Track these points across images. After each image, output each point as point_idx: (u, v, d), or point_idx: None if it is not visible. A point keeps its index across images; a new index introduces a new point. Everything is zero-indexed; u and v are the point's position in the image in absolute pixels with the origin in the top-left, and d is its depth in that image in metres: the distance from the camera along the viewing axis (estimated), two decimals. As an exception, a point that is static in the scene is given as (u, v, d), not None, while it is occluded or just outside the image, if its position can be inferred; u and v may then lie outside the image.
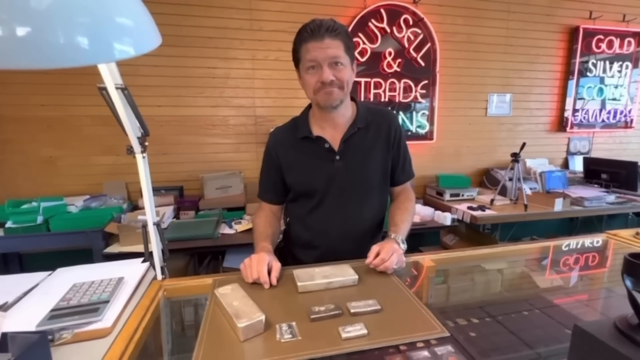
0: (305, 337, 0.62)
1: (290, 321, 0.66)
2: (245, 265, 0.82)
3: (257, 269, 0.79)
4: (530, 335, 0.77)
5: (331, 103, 0.94)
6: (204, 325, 0.66)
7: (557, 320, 0.86)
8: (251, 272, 0.79)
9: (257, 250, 0.90)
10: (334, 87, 0.91)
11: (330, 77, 0.88)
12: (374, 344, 0.61)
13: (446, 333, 0.64)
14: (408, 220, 1.02)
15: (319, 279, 0.79)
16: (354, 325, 0.64)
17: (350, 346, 0.60)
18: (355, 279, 0.81)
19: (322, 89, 0.91)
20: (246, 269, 0.81)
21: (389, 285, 0.81)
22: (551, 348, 0.74)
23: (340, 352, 0.59)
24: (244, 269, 0.82)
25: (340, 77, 0.90)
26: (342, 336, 0.62)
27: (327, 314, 0.68)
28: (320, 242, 1.04)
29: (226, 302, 0.68)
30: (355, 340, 0.61)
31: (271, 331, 0.64)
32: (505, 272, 1.15)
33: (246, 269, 0.81)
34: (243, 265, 0.82)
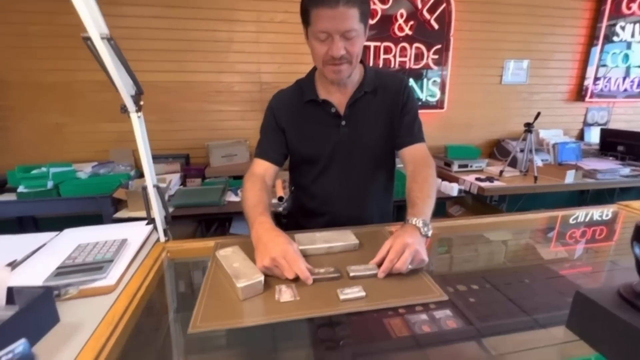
0: (304, 298, 0.63)
1: (289, 283, 0.67)
2: (278, 265, 0.67)
3: (295, 269, 0.66)
4: (530, 302, 0.77)
5: (339, 80, 0.89)
6: (205, 285, 0.67)
7: (559, 290, 0.86)
8: (288, 273, 0.66)
9: (255, 225, 0.75)
10: (344, 62, 0.84)
11: (341, 52, 0.81)
12: (372, 306, 0.61)
13: (444, 297, 0.64)
14: (429, 194, 0.84)
15: (319, 243, 0.79)
16: (353, 287, 0.64)
17: (348, 307, 0.60)
18: (356, 243, 0.81)
19: (330, 63, 0.84)
20: (279, 269, 0.67)
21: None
22: (550, 315, 0.74)
23: (338, 312, 0.59)
24: (275, 268, 0.67)
25: (352, 50, 0.83)
26: (340, 298, 0.62)
27: (326, 276, 0.68)
28: (325, 210, 1.03)
29: (226, 263, 0.68)
30: (353, 302, 0.62)
31: (270, 292, 0.65)
32: (510, 242, 1.14)
33: (279, 269, 0.67)
34: (272, 263, 0.67)
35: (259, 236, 0.73)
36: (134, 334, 0.58)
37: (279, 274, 0.68)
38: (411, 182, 0.89)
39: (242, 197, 0.89)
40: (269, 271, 0.68)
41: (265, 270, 0.67)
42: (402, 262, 0.68)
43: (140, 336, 0.60)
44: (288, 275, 0.67)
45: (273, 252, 0.67)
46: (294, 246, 0.70)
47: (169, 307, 0.70)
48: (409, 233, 0.72)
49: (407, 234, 0.71)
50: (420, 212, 0.79)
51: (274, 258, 0.67)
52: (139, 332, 0.60)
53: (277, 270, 0.68)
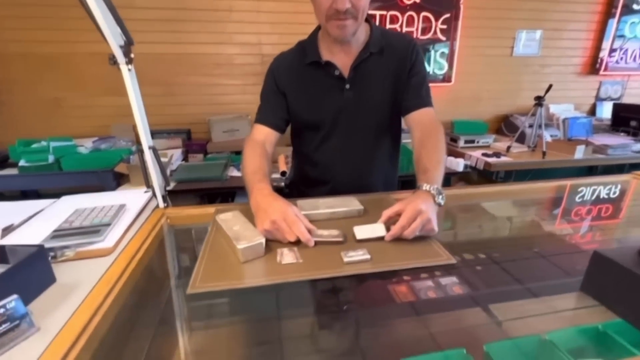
0: (306, 260, 0.60)
1: (292, 246, 0.65)
2: (278, 228, 0.65)
3: (295, 230, 0.64)
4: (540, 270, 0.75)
5: (344, 37, 0.83)
6: (205, 248, 0.65)
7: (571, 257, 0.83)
8: (289, 235, 0.65)
9: (254, 192, 0.73)
10: (348, 17, 0.79)
11: (346, 5, 0.76)
12: (377, 268, 0.59)
13: (452, 260, 0.61)
14: (440, 161, 0.80)
15: (322, 208, 0.76)
16: (357, 250, 0.62)
17: (352, 270, 0.58)
18: (361, 209, 0.78)
19: (334, 18, 0.79)
20: (279, 231, 0.65)
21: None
22: (561, 282, 0.71)
23: (342, 274, 0.57)
24: (276, 231, 0.65)
25: (358, 4, 0.77)
26: (344, 260, 0.60)
27: (329, 240, 0.65)
28: (328, 178, 1.00)
29: (227, 226, 0.66)
30: (357, 264, 0.59)
31: (272, 254, 0.62)
32: (519, 211, 1.11)
33: (279, 232, 0.65)
34: (272, 226, 0.64)
35: (257, 202, 0.70)
36: (132, 296, 0.56)
37: (281, 237, 0.66)
38: (420, 148, 0.84)
39: (242, 164, 0.85)
40: (270, 235, 0.66)
41: (267, 234, 0.65)
42: (412, 230, 0.64)
43: (138, 298, 0.59)
44: (289, 237, 0.65)
45: (273, 215, 0.64)
46: (293, 208, 0.68)
47: (169, 271, 0.69)
48: (422, 199, 0.68)
49: (420, 200, 0.67)
50: (433, 178, 0.74)
51: (274, 221, 0.64)
52: (138, 295, 0.59)
53: (278, 233, 0.65)
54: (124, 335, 0.52)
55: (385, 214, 0.69)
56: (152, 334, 0.52)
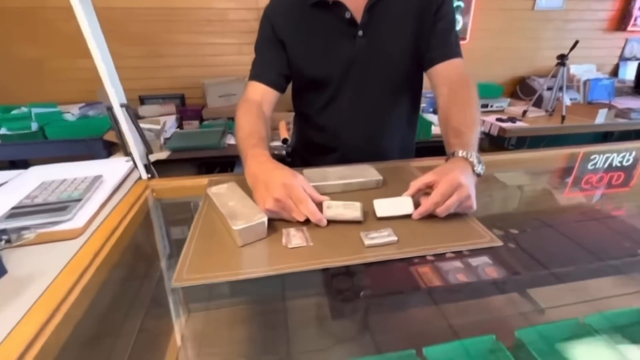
0: (318, 243, 0.49)
1: (299, 226, 0.53)
2: (284, 207, 0.53)
3: (304, 209, 0.52)
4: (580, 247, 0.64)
5: None
6: (194, 229, 0.53)
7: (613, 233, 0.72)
8: (296, 214, 0.53)
9: (249, 159, 0.60)
10: None
11: None
12: (406, 253, 0.47)
13: (497, 242, 0.50)
14: (475, 121, 0.65)
15: (333, 179, 0.64)
16: (380, 231, 0.50)
17: (375, 255, 0.47)
18: (379, 180, 0.66)
19: None
20: (285, 210, 0.53)
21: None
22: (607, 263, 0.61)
23: (363, 261, 0.46)
24: (281, 210, 0.53)
25: None
26: (365, 243, 0.48)
27: (345, 218, 0.54)
28: (336, 144, 0.86)
29: (221, 202, 0.54)
30: (381, 248, 0.48)
31: (276, 236, 0.51)
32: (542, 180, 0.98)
33: (285, 211, 0.53)
34: (276, 205, 0.52)
35: (254, 173, 0.57)
36: (104, 289, 0.45)
37: (287, 216, 0.54)
38: (449, 106, 0.69)
39: (235, 128, 0.71)
40: (274, 214, 0.54)
41: (269, 214, 0.53)
42: (447, 207, 0.52)
43: (113, 292, 0.48)
44: (297, 217, 0.53)
45: (275, 192, 0.52)
46: (299, 179, 0.54)
47: (154, 254, 0.58)
48: (459, 169, 0.54)
49: (458, 171, 0.54)
50: (469, 143, 0.60)
51: (278, 199, 0.52)
52: (112, 287, 0.48)
53: (284, 212, 0.53)
54: (93, 339, 0.41)
55: (413, 186, 0.56)
56: (130, 338, 0.42)
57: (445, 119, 0.69)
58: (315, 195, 0.54)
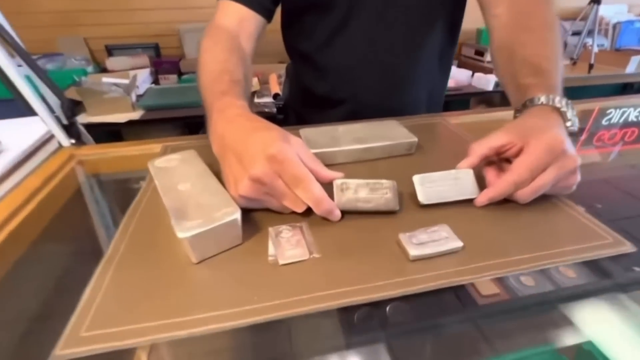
0: (328, 253, 0.29)
1: (295, 221, 0.32)
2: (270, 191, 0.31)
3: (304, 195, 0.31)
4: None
5: None
6: (120, 238, 0.32)
7: None
8: (291, 203, 0.32)
9: (214, 114, 0.37)
10: None
11: None
12: (489, 272, 0.27)
13: (630, 247, 0.30)
14: (559, 52, 0.43)
15: (346, 143, 0.42)
16: (432, 229, 0.30)
17: (432, 281, 0.26)
18: (413, 142, 0.44)
19: None
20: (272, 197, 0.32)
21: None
22: None
23: (414, 291, 0.25)
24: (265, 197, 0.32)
25: None
26: (408, 252, 0.28)
27: (371, 207, 0.33)
28: (344, 94, 0.62)
29: (166, 185, 0.33)
30: (439, 262, 0.28)
31: (258, 242, 0.30)
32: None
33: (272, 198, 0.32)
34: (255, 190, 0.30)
35: (221, 137, 0.34)
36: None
37: (276, 206, 0.33)
38: (516, 31, 0.46)
39: (197, 68, 0.47)
40: (257, 204, 0.33)
41: (248, 205, 0.32)
42: (537, 188, 0.32)
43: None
44: (293, 208, 0.32)
45: (256, 167, 0.29)
46: (293, 144, 0.32)
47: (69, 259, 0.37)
48: (553, 125, 0.34)
49: (554, 129, 0.33)
50: (555, 84, 0.39)
51: (259, 179, 0.30)
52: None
53: (271, 200, 0.32)
54: None
55: (475, 152, 0.35)
56: None
57: (509, 50, 0.45)
58: (320, 169, 0.33)
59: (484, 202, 0.34)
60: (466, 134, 0.48)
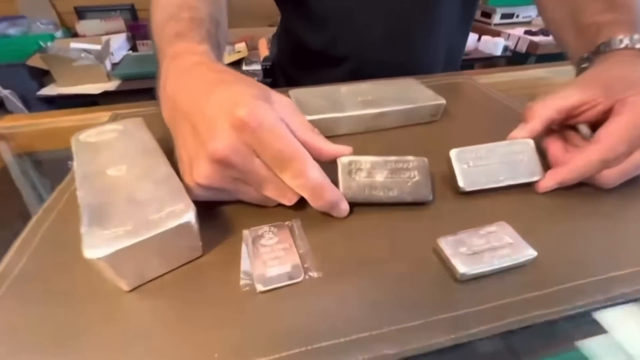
0: (331, 270, 0.18)
1: (282, 219, 0.22)
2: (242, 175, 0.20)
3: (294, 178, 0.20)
4: None
5: None
6: (19, 250, 0.21)
7: None
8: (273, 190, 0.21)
9: (165, 63, 0.25)
10: None
11: None
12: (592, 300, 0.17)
13: None
14: None
15: (350, 107, 0.31)
16: (486, 229, 0.20)
17: (492, 315, 0.17)
18: (439, 105, 0.33)
19: None
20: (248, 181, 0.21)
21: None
22: None
23: (464, 339, 0.16)
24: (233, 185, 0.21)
25: None
26: (456, 270, 0.18)
27: (388, 192, 0.23)
28: (345, 48, 0.49)
29: (89, 169, 0.22)
30: (503, 283, 0.18)
31: (227, 253, 0.20)
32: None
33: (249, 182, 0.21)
34: (217, 174, 0.19)
35: (172, 96, 0.22)
36: None
37: (254, 196, 0.22)
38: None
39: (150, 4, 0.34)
40: (221, 195, 0.22)
41: (209, 195, 0.21)
42: (632, 167, 0.22)
43: None
44: (279, 198, 0.22)
45: (218, 140, 0.18)
46: (280, 107, 0.21)
47: None
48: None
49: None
50: (638, 20, 0.28)
51: (224, 158, 0.19)
52: None
53: (246, 189, 0.21)
54: None
55: (537, 115, 0.24)
56: None
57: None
58: (319, 142, 0.22)
59: (551, 187, 0.24)
60: (505, 97, 0.38)
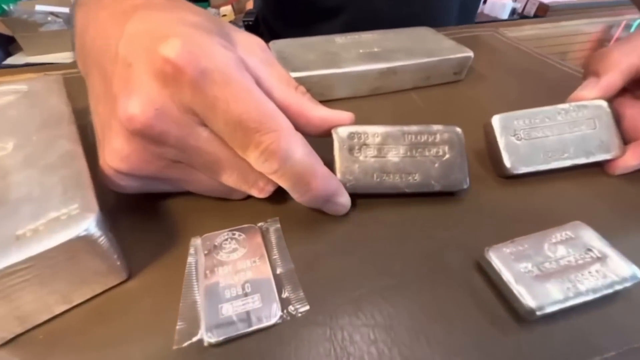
0: (325, 300, 0.12)
1: (245, 221, 0.15)
2: (183, 155, 0.13)
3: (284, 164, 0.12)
4: None
5: None
6: None
7: None
8: (232, 176, 0.14)
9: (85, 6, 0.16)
10: None
11: None
12: None
13: None
14: None
15: (349, 61, 0.23)
16: (559, 233, 0.13)
17: None
18: (466, 58, 0.25)
19: None
20: (192, 161, 0.13)
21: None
22: None
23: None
24: (176, 170, 0.13)
25: None
26: (522, 302, 0.12)
27: (407, 177, 0.16)
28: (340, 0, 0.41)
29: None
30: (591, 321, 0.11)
31: (165, 276, 0.13)
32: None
33: (193, 164, 0.13)
34: (138, 151, 0.12)
35: (81, 35, 0.15)
36: None
37: (206, 186, 0.14)
38: None
39: None
40: (158, 185, 0.14)
41: (136, 185, 0.13)
42: None
43: None
44: (241, 186, 0.14)
45: (134, 97, 0.11)
46: (242, 48, 0.13)
47: None
48: None
49: None
50: None
51: (147, 126, 0.11)
52: None
53: (192, 175, 0.14)
54: None
55: (616, 69, 0.17)
56: None
57: None
58: (304, 104, 0.14)
59: (633, 167, 0.17)
60: (545, 54, 0.30)
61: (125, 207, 0.15)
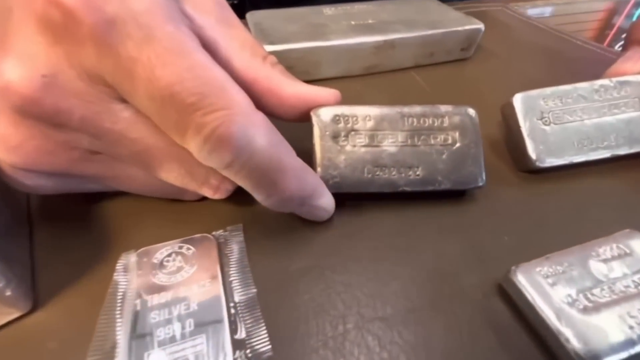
0: (295, 335, 0.08)
1: (197, 230, 0.12)
2: (101, 144, 0.09)
3: (240, 156, 0.08)
4: None
5: None
6: None
7: None
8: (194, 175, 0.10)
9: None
10: None
11: None
12: None
13: None
14: None
15: (339, 33, 0.19)
16: (605, 249, 0.10)
17: None
18: (475, 31, 0.21)
19: None
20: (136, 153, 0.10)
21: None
22: None
23: None
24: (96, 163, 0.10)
25: None
26: (570, 347, 0.08)
27: (408, 171, 0.12)
28: None
29: None
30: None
31: (83, 305, 0.09)
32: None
33: (134, 157, 0.10)
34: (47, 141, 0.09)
35: None
36: None
37: (144, 185, 0.11)
38: None
39: None
40: (75, 183, 0.10)
41: (44, 183, 0.10)
42: None
43: None
44: (189, 185, 0.10)
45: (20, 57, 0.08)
46: (197, 4, 0.10)
47: None
48: None
49: None
50: None
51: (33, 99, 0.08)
52: None
53: (122, 170, 0.10)
54: None
55: None
56: None
57: None
58: (274, 78, 0.11)
59: None
60: (562, 31, 0.26)
61: (41, 213, 0.12)
